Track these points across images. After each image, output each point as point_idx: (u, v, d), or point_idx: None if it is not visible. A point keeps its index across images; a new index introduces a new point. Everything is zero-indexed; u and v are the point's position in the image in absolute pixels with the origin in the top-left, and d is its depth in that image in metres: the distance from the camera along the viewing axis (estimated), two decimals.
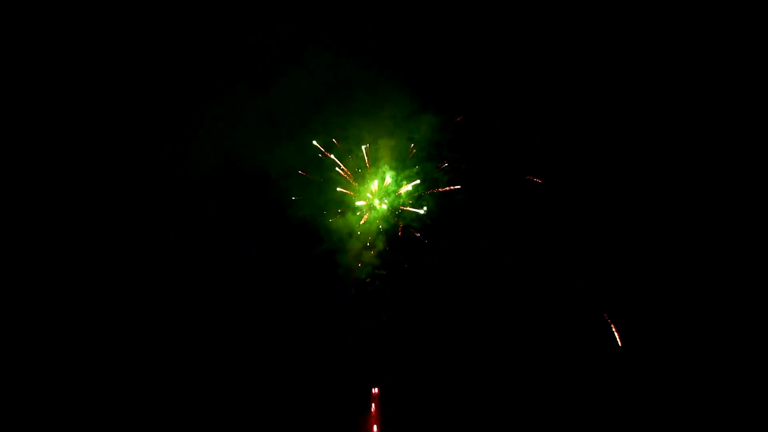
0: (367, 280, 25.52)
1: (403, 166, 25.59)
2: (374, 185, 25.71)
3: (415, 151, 25.62)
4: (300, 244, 25.73)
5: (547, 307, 25.69)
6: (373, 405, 25.29)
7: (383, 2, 25.68)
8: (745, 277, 24.29)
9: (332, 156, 25.74)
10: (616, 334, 24.83)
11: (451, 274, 25.60)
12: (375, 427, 25.11)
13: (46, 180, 25.76)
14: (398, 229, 25.80)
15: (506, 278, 25.65)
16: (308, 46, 25.41)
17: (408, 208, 25.69)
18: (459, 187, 25.49)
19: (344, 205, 25.90)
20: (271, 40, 25.72)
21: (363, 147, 25.51)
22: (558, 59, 25.34)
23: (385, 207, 25.70)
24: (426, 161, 25.71)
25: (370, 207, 25.78)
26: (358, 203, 25.78)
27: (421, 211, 25.54)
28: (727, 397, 23.47)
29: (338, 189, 25.78)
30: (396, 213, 25.79)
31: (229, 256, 25.88)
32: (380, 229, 25.78)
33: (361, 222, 25.69)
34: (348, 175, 25.78)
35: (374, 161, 25.69)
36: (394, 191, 25.83)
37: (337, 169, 25.83)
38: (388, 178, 25.52)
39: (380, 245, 25.73)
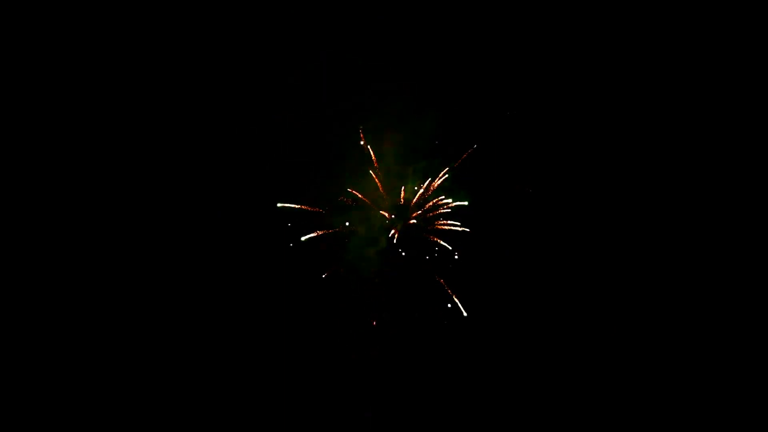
0: (375, 279, 25.53)
1: (413, 172, 25.45)
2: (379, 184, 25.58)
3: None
4: (300, 242, 25.69)
5: (547, 309, 25.82)
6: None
7: None
8: (743, 279, 24.43)
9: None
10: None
11: (454, 275, 25.68)
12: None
13: (44, 180, 25.76)
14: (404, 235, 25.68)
15: (506, 278, 25.78)
16: (310, 42, 25.37)
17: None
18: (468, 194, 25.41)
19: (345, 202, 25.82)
20: (272, 37, 25.69)
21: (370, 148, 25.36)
22: (571, 57, 25.35)
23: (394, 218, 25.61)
24: (433, 164, 25.65)
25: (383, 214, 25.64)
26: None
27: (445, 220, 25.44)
28: (726, 397, 23.59)
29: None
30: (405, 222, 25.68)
31: (229, 255, 25.90)
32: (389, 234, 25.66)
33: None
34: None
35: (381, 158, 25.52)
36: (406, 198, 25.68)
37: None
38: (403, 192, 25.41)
39: (383, 243, 25.65)
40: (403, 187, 25.49)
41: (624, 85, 25.29)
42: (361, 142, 25.12)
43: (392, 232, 25.44)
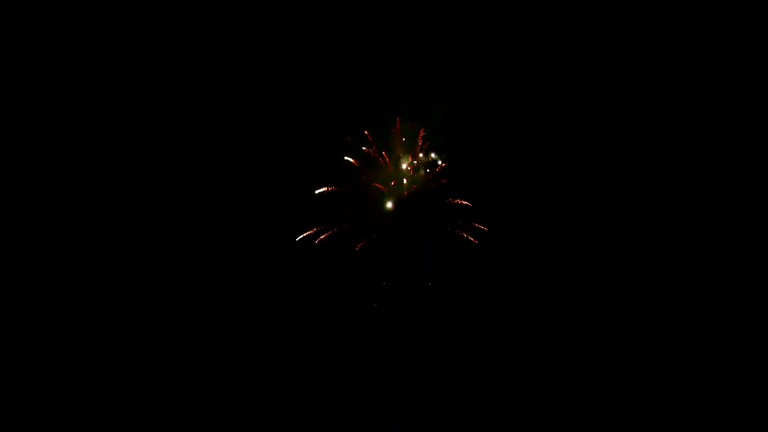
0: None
1: (414, 152, 25.39)
2: (387, 169, 25.54)
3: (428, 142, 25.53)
4: (309, 234, 25.67)
5: (546, 308, 25.84)
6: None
7: None
8: (741, 278, 24.47)
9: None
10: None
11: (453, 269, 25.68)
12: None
13: (45, 180, 25.77)
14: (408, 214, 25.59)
15: (506, 276, 25.81)
16: (318, 35, 25.39)
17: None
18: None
19: (356, 193, 25.80)
20: (272, 37, 25.75)
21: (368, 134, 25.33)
22: (573, 56, 25.39)
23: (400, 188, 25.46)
24: (438, 148, 25.63)
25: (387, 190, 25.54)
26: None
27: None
28: (725, 397, 23.61)
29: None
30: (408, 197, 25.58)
31: (233, 248, 25.93)
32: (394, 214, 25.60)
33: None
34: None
35: (386, 148, 25.52)
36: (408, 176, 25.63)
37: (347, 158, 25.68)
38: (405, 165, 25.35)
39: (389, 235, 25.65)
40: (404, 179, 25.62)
41: (626, 87, 25.38)
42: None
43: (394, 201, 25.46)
